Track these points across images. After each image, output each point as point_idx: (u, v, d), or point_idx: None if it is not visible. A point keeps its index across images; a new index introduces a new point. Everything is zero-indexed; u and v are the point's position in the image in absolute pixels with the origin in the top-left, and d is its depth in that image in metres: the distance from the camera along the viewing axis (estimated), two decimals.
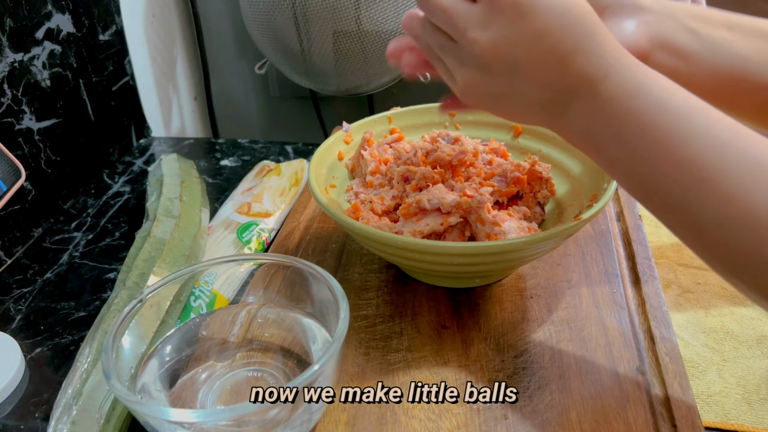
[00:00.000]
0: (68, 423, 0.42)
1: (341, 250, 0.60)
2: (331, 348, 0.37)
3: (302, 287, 0.45)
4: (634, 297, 0.52)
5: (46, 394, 0.49)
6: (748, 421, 0.45)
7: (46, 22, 0.72)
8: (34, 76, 0.70)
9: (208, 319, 0.48)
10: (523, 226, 0.51)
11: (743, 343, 0.52)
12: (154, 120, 1.02)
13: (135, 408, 0.35)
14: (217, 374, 0.43)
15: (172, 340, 0.45)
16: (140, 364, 0.42)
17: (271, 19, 0.83)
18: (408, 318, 0.51)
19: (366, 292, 0.54)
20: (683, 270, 0.60)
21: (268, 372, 0.43)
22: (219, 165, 0.86)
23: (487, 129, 0.64)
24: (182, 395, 0.42)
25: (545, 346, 0.48)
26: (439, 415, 0.42)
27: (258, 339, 0.46)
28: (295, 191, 0.72)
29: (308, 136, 1.18)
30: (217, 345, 0.45)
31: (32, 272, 0.64)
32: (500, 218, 0.50)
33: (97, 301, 0.59)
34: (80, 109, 0.79)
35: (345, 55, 0.83)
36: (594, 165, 0.54)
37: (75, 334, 0.55)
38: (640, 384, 0.44)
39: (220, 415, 0.36)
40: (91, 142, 0.82)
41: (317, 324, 0.45)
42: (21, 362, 0.51)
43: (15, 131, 0.68)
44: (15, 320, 0.57)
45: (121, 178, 0.83)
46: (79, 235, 0.70)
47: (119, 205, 0.76)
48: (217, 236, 0.64)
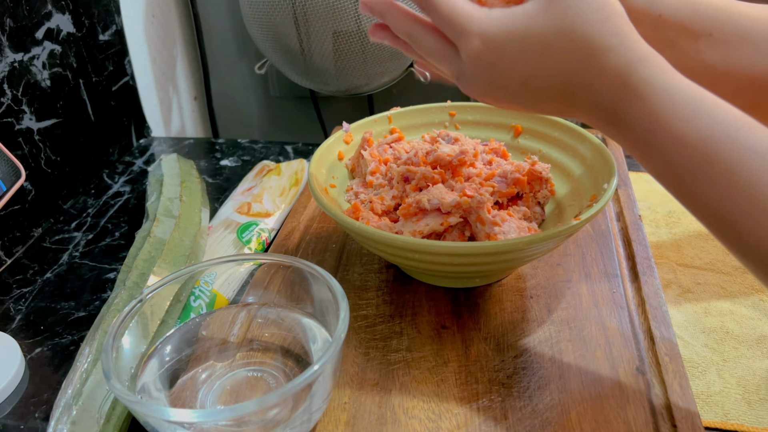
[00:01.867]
0: (68, 423, 0.42)
1: (341, 250, 0.60)
2: (331, 348, 0.37)
3: (302, 287, 0.45)
4: (633, 297, 0.52)
5: (46, 394, 0.49)
6: (748, 421, 0.45)
7: (46, 22, 0.72)
8: (34, 76, 0.70)
9: (208, 319, 0.48)
10: (523, 226, 0.51)
11: (743, 343, 0.52)
12: (154, 120, 1.02)
13: (135, 408, 0.35)
14: (217, 374, 0.43)
15: (172, 340, 0.45)
16: (140, 364, 0.42)
17: (271, 19, 0.83)
18: (408, 318, 0.51)
19: (366, 292, 0.54)
20: (683, 270, 0.60)
21: (268, 372, 0.43)
22: (219, 165, 0.86)
23: (487, 129, 0.64)
24: (182, 395, 0.42)
25: (545, 346, 0.48)
26: (439, 415, 0.42)
27: (258, 339, 0.46)
28: (295, 191, 0.72)
29: (308, 136, 1.18)
30: (217, 345, 0.46)
31: (32, 272, 0.64)
32: (500, 218, 0.50)
33: (97, 301, 0.59)
34: (80, 109, 0.79)
35: (345, 55, 0.83)
36: (594, 165, 0.54)
37: (75, 334, 0.55)
38: (640, 384, 0.44)
39: (220, 415, 0.36)
40: (91, 142, 0.82)
41: (317, 324, 0.45)
42: (21, 362, 0.51)
43: (15, 131, 0.68)
44: (15, 320, 0.57)
45: (121, 178, 0.83)
46: (79, 235, 0.70)
47: (119, 205, 0.76)
48: (217, 236, 0.64)
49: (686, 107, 0.33)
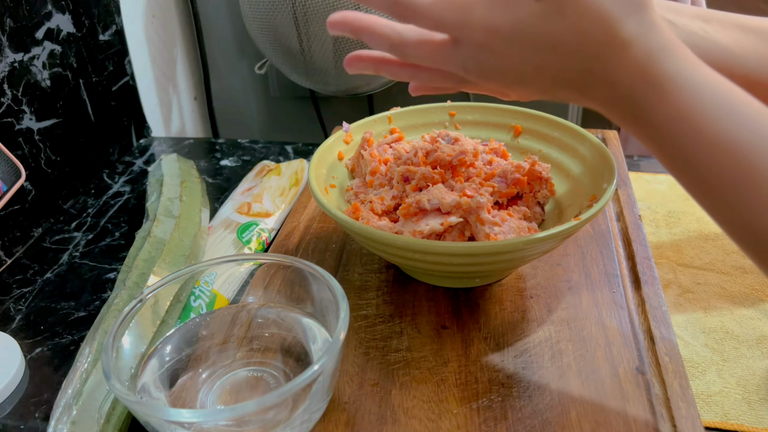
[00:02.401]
0: (68, 423, 0.42)
1: (341, 250, 0.60)
2: (331, 348, 0.37)
3: (302, 287, 0.45)
4: (633, 297, 0.52)
5: (46, 394, 0.49)
6: (748, 421, 0.45)
7: (46, 22, 0.72)
8: (34, 76, 0.70)
9: (208, 319, 0.48)
10: (523, 226, 0.51)
11: (743, 343, 0.52)
12: (154, 120, 1.02)
13: (135, 408, 0.35)
14: (217, 374, 0.43)
15: (172, 340, 0.45)
16: (140, 364, 0.42)
17: (271, 18, 0.83)
18: (408, 318, 0.51)
19: (366, 292, 0.54)
20: (683, 270, 0.60)
21: (268, 372, 0.43)
22: (219, 165, 0.86)
23: (487, 129, 0.64)
24: (182, 395, 0.42)
25: (545, 346, 0.48)
26: (439, 415, 0.42)
27: (258, 339, 0.46)
28: (295, 191, 0.72)
29: (308, 136, 1.18)
30: (217, 345, 0.46)
31: (32, 272, 0.64)
32: (500, 218, 0.50)
33: (97, 301, 0.59)
34: (80, 109, 0.79)
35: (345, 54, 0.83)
36: (594, 165, 0.55)
37: (75, 334, 0.55)
38: (640, 384, 0.44)
39: (220, 415, 0.36)
40: (91, 142, 0.82)
41: (317, 324, 0.45)
42: (21, 362, 0.51)
43: (15, 131, 0.68)
44: (15, 320, 0.57)
45: (121, 178, 0.83)
46: (79, 235, 0.70)
47: (119, 205, 0.76)
48: (217, 236, 0.64)
49: (715, 105, 0.30)
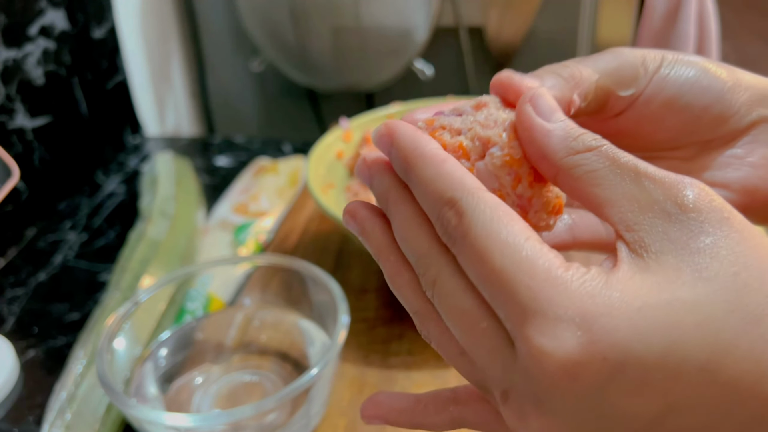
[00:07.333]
0: (63, 427, 0.42)
1: (340, 250, 0.60)
2: (330, 352, 0.36)
3: (300, 289, 0.45)
4: None
5: (40, 397, 0.48)
6: None
7: (40, 19, 0.71)
8: (27, 73, 0.70)
9: (203, 322, 0.48)
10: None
11: None
12: (149, 118, 1.01)
13: (130, 412, 0.35)
14: (213, 378, 0.42)
15: (168, 343, 0.45)
16: (135, 368, 0.42)
17: (268, 14, 0.82)
18: (408, 320, 0.50)
19: (365, 294, 0.54)
20: None
21: (265, 376, 0.42)
22: (215, 164, 0.85)
23: None
24: (178, 399, 0.41)
25: None
26: None
27: (255, 342, 0.45)
28: (294, 191, 0.72)
29: (307, 134, 1.17)
30: (213, 348, 0.45)
31: (25, 274, 0.63)
32: None
33: (91, 303, 0.59)
34: (74, 108, 0.79)
35: (344, 51, 0.83)
36: None
37: (69, 337, 0.54)
38: None
39: (216, 420, 0.35)
40: (85, 141, 0.81)
41: (315, 327, 0.44)
42: (14, 365, 0.50)
43: (8, 130, 0.67)
44: (8, 322, 0.56)
45: (116, 177, 0.82)
46: (73, 236, 0.70)
47: (114, 205, 0.76)
48: (213, 237, 0.63)
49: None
